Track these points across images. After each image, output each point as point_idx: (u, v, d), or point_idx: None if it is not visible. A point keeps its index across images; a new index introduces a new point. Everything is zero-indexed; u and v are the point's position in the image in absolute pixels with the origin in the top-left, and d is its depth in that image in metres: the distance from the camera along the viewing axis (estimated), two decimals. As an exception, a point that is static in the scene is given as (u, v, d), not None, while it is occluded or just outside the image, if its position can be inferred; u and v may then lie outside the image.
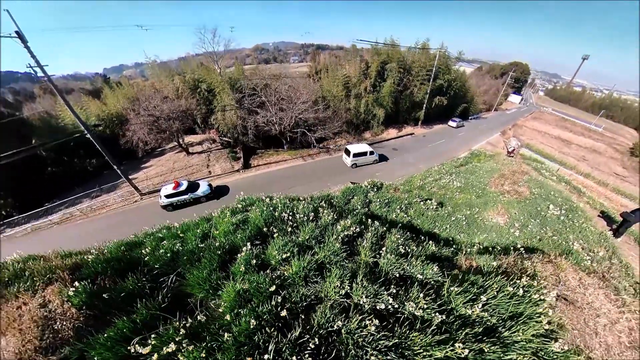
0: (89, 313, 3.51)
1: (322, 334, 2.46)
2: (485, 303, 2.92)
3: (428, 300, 2.87)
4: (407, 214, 8.78)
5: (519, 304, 2.98)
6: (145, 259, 4.42)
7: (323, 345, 2.38)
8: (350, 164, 21.56)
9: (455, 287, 3.23)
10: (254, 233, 4.65)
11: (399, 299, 2.88)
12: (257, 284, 3.31)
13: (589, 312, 4.12)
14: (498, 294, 3.10)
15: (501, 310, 2.90)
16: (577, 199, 14.15)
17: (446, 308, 2.89)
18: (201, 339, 2.75)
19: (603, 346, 3.62)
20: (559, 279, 4.72)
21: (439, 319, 2.57)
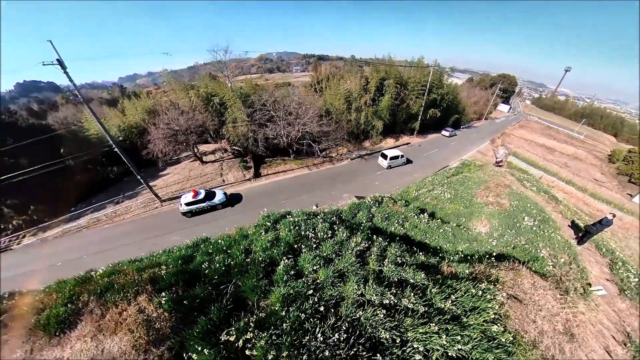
0: (177, 315, 4.60)
1: (348, 320, 3.69)
2: (454, 300, 4.17)
3: (416, 297, 4.11)
4: (403, 227, 9.99)
5: (477, 300, 4.22)
6: (206, 271, 5.60)
7: (350, 327, 3.62)
8: (386, 166, 24.92)
9: (436, 289, 4.48)
10: (286, 249, 5.88)
11: (397, 296, 4.11)
12: (297, 289, 4.55)
13: (532, 307, 5.37)
14: (464, 294, 4.35)
15: (465, 304, 4.13)
16: (552, 209, 15.34)
17: (428, 302, 4.13)
18: (265, 329, 3.97)
19: (537, 331, 4.87)
20: (515, 283, 5.98)
21: (423, 309, 3.81)
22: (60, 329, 4.31)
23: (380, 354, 3.11)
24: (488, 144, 37.29)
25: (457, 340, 3.38)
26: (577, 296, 7.23)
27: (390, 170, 25.54)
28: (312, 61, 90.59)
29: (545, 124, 56.02)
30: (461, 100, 42.66)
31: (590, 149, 43.03)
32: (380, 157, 25.67)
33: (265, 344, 3.50)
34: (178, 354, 3.96)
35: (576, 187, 27.53)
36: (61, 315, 4.44)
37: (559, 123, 62.22)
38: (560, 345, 5.03)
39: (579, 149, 41.11)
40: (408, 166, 26.55)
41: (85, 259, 15.90)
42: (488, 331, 3.78)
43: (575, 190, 26.73)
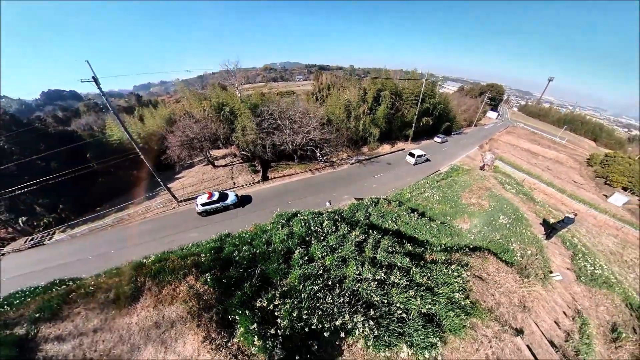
0: (219, 290, 5.69)
1: (350, 290, 4.82)
2: (430, 277, 5.32)
3: (401, 275, 5.26)
4: (396, 224, 11.08)
5: (447, 277, 5.38)
6: (236, 258, 6.72)
7: (351, 295, 4.75)
8: (413, 163, 28.82)
9: (417, 269, 5.63)
10: (299, 241, 7.02)
11: (387, 274, 5.25)
12: (310, 270, 5.69)
13: (493, 285, 6.52)
14: (438, 273, 5.50)
15: (437, 280, 5.29)
16: (527, 208, 16.50)
17: (411, 279, 5.29)
18: (288, 297, 5.09)
19: (494, 301, 6.02)
20: (482, 267, 7.12)
21: (406, 283, 4.95)
22: (127, 302, 5.40)
23: (373, 310, 4.24)
24: (477, 150, 38.43)
25: (428, 302, 4.51)
26: (536, 280, 8.37)
27: (385, 174, 26.63)
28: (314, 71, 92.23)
29: (531, 130, 57.36)
30: (452, 108, 43.92)
31: (571, 153, 44.24)
32: (408, 156, 29.48)
33: (290, 307, 4.63)
34: (223, 317, 5.07)
35: (556, 188, 28.66)
36: (127, 292, 5.55)
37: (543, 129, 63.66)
38: (514, 313, 6.17)
39: (560, 153, 42.29)
40: (402, 170, 27.63)
41: (112, 254, 16.84)
42: (453, 298, 4.92)
43: (554, 192, 27.86)
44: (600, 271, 11.35)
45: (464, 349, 4.50)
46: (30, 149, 21.73)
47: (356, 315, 3.95)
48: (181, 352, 4.39)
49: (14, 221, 21.10)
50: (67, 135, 25.70)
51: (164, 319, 5.02)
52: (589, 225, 24.45)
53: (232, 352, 4.34)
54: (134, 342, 4.62)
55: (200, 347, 4.42)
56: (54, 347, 4.40)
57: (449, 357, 4.28)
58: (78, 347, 4.41)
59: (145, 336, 4.69)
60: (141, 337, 4.68)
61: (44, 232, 20.72)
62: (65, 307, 5.17)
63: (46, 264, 16.34)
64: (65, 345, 4.45)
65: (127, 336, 4.69)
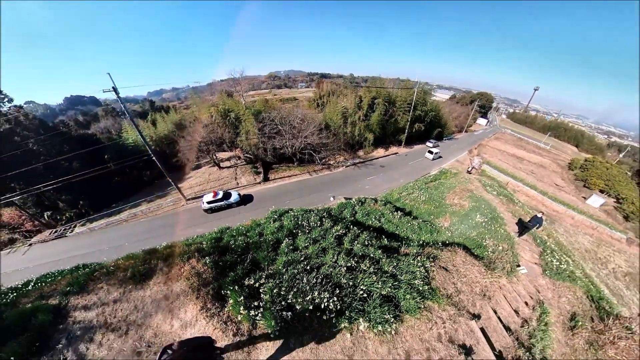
0: (216, 271, 6.43)
1: (325, 275, 5.44)
2: (396, 266, 5.91)
3: (370, 264, 5.85)
4: (379, 221, 11.66)
5: (411, 267, 5.96)
6: (232, 246, 7.39)
7: (325, 278, 5.36)
8: (431, 158, 32.54)
9: (387, 260, 6.22)
10: (287, 233, 7.65)
11: (358, 263, 5.85)
12: (294, 257, 6.31)
13: (456, 275, 7.06)
14: (405, 263, 6.08)
15: (402, 269, 5.88)
16: (505, 209, 16.91)
17: (379, 267, 5.89)
18: (272, 278, 5.73)
19: (454, 289, 6.56)
20: (450, 260, 7.66)
21: (373, 270, 5.55)
22: (141, 279, 6.12)
23: (340, 289, 4.86)
24: (466, 154, 38.74)
25: (389, 286, 5.11)
26: (502, 272, 8.86)
27: (378, 176, 26.97)
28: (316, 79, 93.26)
29: (517, 136, 57.45)
30: (443, 115, 44.36)
31: (554, 158, 44.33)
32: (427, 153, 33.52)
33: (272, 285, 5.28)
34: (217, 292, 5.77)
35: (538, 190, 28.95)
36: (142, 271, 6.27)
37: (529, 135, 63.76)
38: (473, 301, 6.70)
39: (544, 158, 42.43)
40: (393, 173, 28.05)
41: (127, 246, 17.59)
42: (413, 284, 5.52)
43: (536, 194, 28.16)
44: (565, 266, 11.73)
45: (418, 327, 5.02)
46: (56, 150, 22.71)
47: (324, 293, 4.56)
48: (183, 318, 5.13)
49: (40, 215, 22.06)
50: (88, 138, 26.75)
51: (171, 292, 5.75)
52: (567, 225, 24.80)
53: (223, 319, 5.06)
54: (147, 310, 5.36)
55: (198, 315, 5.15)
56: (82, 314, 5.19)
57: (404, 333, 4.85)
58: (101, 314, 5.20)
59: (156, 306, 5.44)
60: (153, 306, 5.42)
61: (65, 225, 21.65)
62: (91, 283, 5.96)
63: (69, 254, 17.24)
64: (91, 312, 5.24)
65: (141, 305, 5.45)
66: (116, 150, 26.28)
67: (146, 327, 5.10)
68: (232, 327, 5.08)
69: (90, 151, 24.75)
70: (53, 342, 4.83)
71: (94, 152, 25.12)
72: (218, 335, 4.94)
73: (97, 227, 20.93)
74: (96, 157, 24.81)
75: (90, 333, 4.99)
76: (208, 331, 5.03)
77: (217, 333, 4.98)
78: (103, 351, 4.77)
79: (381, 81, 35.46)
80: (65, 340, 4.88)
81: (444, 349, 4.74)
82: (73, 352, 4.72)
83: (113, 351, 4.75)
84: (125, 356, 4.68)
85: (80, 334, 4.98)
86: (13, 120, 19.75)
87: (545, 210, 26.40)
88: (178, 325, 5.16)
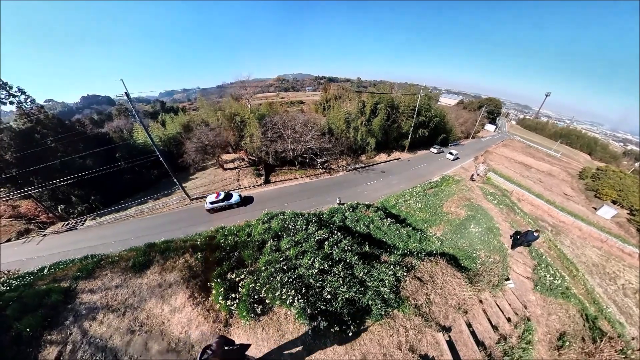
0: (205, 265, 7.06)
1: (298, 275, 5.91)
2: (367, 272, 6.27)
3: (343, 269, 6.24)
4: (368, 228, 11.93)
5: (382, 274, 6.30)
6: (222, 244, 7.98)
7: (297, 277, 5.84)
8: (452, 159, 35.20)
9: (361, 266, 6.58)
10: (273, 235, 8.18)
11: (331, 267, 6.26)
12: (275, 257, 6.82)
13: (431, 286, 7.24)
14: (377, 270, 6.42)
15: (373, 276, 6.22)
16: (504, 219, 16.71)
17: (351, 272, 6.27)
18: (252, 275, 6.26)
19: (426, 299, 6.71)
20: (429, 270, 7.85)
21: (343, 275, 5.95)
22: (139, 269, 6.85)
23: (307, 289, 5.34)
24: (471, 161, 38.25)
25: (354, 291, 5.49)
26: (486, 286, 8.86)
27: (378, 181, 27.11)
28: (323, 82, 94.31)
29: (527, 143, 56.04)
30: (449, 121, 44.04)
31: (564, 166, 42.98)
32: (448, 154, 36.15)
33: (250, 281, 5.83)
34: (205, 284, 6.43)
35: (544, 200, 28.21)
36: (141, 262, 7.01)
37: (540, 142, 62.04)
38: (446, 313, 6.71)
39: (554, 166, 41.23)
40: (393, 179, 28.08)
41: (131, 240, 18.60)
42: (380, 292, 5.88)
43: (542, 203, 27.45)
44: (559, 282, 11.32)
45: (379, 333, 5.23)
46: (72, 148, 24.32)
47: (291, 291, 5.05)
48: (173, 304, 5.85)
49: (54, 208, 23.60)
50: (101, 137, 28.43)
51: (165, 281, 6.46)
52: (574, 236, 24.01)
53: (207, 308, 5.78)
54: (143, 295, 6.11)
55: (186, 302, 5.85)
56: (88, 296, 6.08)
57: (363, 336, 5.07)
58: (104, 297, 6.04)
59: (151, 292, 6.16)
60: (148, 292, 6.15)
61: (77, 218, 23.07)
62: (97, 270, 6.79)
63: (78, 245, 18.48)
64: (95, 295, 6.09)
65: (138, 291, 6.20)
66: (127, 149, 27.77)
67: (141, 310, 5.85)
68: (212, 314, 5.75)
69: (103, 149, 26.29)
70: (62, 319, 5.66)
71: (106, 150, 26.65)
72: (200, 321, 5.62)
73: (106, 222, 22.22)
74: (108, 155, 26.33)
75: (94, 313, 5.79)
76: (192, 316, 5.73)
77: (200, 319, 5.67)
78: (103, 328, 5.53)
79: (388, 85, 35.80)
80: (73, 317, 5.70)
81: (402, 357, 5.00)
82: (78, 328, 5.50)
83: (111, 329, 5.51)
84: (121, 334, 5.42)
85: (85, 313, 5.78)
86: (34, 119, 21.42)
87: (551, 221, 25.73)
88: (168, 310, 5.85)
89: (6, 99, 20.23)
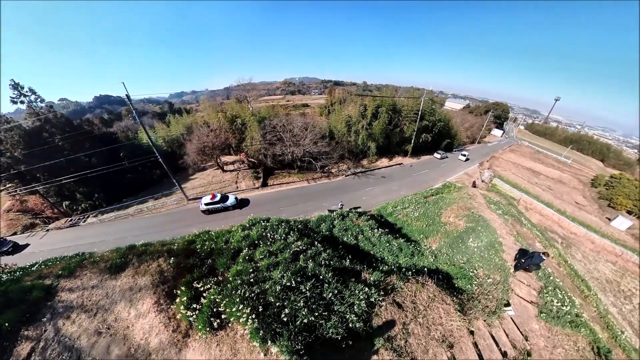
0: (177, 271, 6.99)
1: (262, 290, 5.59)
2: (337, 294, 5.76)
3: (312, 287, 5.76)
4: (356, 239, 11.29)
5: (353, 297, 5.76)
6: (198, 250, 7.77)
7: (260, 292, 5.51)
8: (464, 160, 37.11)
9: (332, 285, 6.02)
10: (251, 243, 7.90)
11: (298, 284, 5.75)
12: (245, 268, 6.50)
13: (410, 313, 6.39)
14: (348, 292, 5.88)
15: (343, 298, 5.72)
16: (508, 231, 15.30)
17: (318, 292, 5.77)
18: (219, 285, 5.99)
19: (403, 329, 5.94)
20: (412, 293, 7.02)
21: (309, 294, 5.48)
22: (116, 271, 6.91)
23: (266, 308, 5.02)
24: (476, 167, 36.91)
25: (315, 315, 5.01)
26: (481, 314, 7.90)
27: (378, 187, 26.34)
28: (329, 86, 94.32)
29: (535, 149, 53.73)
30: (453, 126, 42.83)
31: (575, 173, 40.72)
32: (460, 155, 38.02)
33: (214, 292, 5.71)
34: (172, 290, 6.35)
35: (554, 209, 26.53)
36: (118, 264, 7.09)
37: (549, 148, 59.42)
38: (425, 346, 5.87)
39: (564, 173, 39.15)
40: (394, 184, 27.29)
41: (129, 239, 18.60)
42: (347, 318, 5.35)
43: (552, 213, 25.84)
44: (568, 308, 9.77)
45: None
46: (78, 146, 25.00)
47: (247, 308, 4.71)
48: (139, 309, 5.85)
49: (60, 204, 24.24)
50: (108, 136, 29.18)
51: (136, 285, 6.48)
52: (586, 250, 22.35)
53: (169, 315, 5.72)
54: (114, 298, 6.16)
55: (151, 308, 5.84)
56: (66, 294, 6.22)
57: None
58: (80, 297, 6.16)
59: (122, 295, 6.20)
60: (119, 295, 6.20)
61: (80, 215, 23.59)
62: (79, 269, 6.97)
63: (78, 242, 18.90)
64: (73, 294, 6.22)
65: (111, 293, 6.27)
66: (131, 149, 28.37)
67: (110, 312, 5.91)
68: (173, 323, 5.66)
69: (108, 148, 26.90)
70: (40, 315, 5.80)
71: (111, 150, 27.30)
72: (161, 329, 5.53)
73: (107, 219, 22.63)
74: (113, 154, 26.93)
75: (69, 312, 5.87)
76: (154, 323, 5.64)
77: (161, 327, 5.57)
78: (74, 328, 5.60)
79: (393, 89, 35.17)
80: (50, 315, 5.82)
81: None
82: (52, 326, 5.60)
83: (81, 329, 5.58)
84: (89, 335, 5.48)
85: (62, 312, 5.88)
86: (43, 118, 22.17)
87: (562, 232, 24.13)
88: (133, 315, 5.84)
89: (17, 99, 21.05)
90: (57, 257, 10.34)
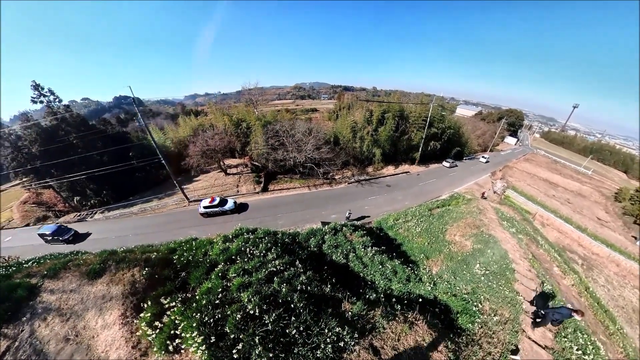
0: (149, 282, 6.80)
1: (222, 316, 5.12)
2: (302, 331, 4.89)
3: (276, 318, 4.99)
4: (347, 258, 10.41)
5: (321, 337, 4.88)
6: (174, 261, 7.45)
7: (220, 321, 5.04)
8: (485, 161, 38.82)
9: (301, 318, 5.17)
10: (228, 257, 7.49)
11: (262, 313, 5.08)
12: (215, 286, 6.06)
13: None
14: (315, 330, 4.98)
15: (309, 338, 4.83)
16: (522, 255, 13.66)
17: (286, 323, 5.02)
18: (185, 303, 5.63)
19: None
20: (395, 336, 5.74)
21: (270, 328, 4.70)
22: (94, 276, 6.81)
23: (220, 338, 4.58)
24: (488, 176, 34.97)
25: (270, 357, 4.27)
26: None
27: (382, 196, 25.31)
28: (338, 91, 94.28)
29: (552, 158, 50.20)
30: (464, 133, 41.04)
31: (597, 186, 37.40)
32: (481, 157, 40.20)
33: (177, 311, 5.45)
34: (140, 303, 6.10)
35: (574, 225, 24.32)
36: (97, 269, 6.98)
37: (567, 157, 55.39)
38: None
39: (584, 185, 36.08)
40: (399, 194, 26.12)
41: (130, 237, 19.06)
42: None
43: (571, 229, 23.66)
44: (592, 357, 7.86)
45: None
46: (91, 145, 26.05)
47: (199, 336, 4.28)
48: (106, 320, 5.78)
49: (71, 199, 25.23)
50: (120, 136, 30.30)
51: (109, 293, 6.40)
52: (610, 273, 20.08)
53: (132, 330, 5.58)
54: (87, 305, 6.12)
55: (117, 320, 5.74)
56: (47, 296, 6.25)
57: None
58: (59, 299, 6.17)
59: (94, 302, 6.16)
60: (92, 302, 6.17)
61: (88, 210, 24.40)
62: (63, 271, 6.99)
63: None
64: (53, 296, 6.24)
65: (86, 299, 6.25)
66: (140, 149, 29.24)
67: (82, 318, 5.84)
68: (134, 339, 5.45)
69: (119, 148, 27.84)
70: (21, 314, 5.80)
71: (122, 149, 28.25)
72: (121, 344, 5.35)
73: (112, 217, 23.28)
74: (123, 154, 27.84)
75: (46, 313, 5.86)
76: (117, 337, 5.49)
77: (122, 341, 5.40)
78: (47, 331, 5.56)
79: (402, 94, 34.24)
80: (29, 314, 5.82)
81: None
82: (29, 327, 5.60)
83: (52, 333, 5.52)
84: (57, 341, 5.42)
85: (40, 313, 5.86)
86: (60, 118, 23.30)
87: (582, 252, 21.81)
88: (100, 324, 5.74)
89: (37, 99, 22.32)
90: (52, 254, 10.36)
